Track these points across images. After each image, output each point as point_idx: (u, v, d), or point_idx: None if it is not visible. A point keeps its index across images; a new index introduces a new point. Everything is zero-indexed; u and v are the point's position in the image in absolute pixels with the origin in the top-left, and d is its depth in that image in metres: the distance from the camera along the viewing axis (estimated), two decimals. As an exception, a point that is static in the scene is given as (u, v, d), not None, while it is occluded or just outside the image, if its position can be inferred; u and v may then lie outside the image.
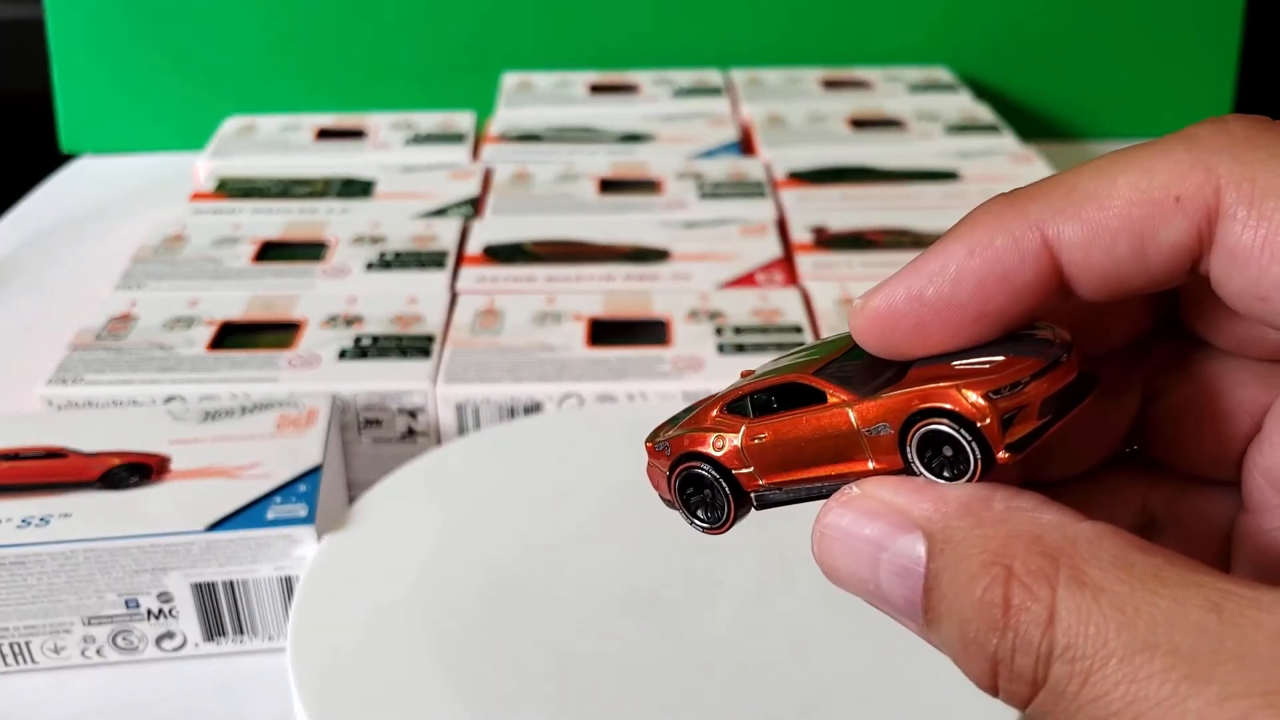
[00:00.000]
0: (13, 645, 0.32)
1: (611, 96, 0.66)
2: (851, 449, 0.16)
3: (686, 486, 0.18)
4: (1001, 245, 0.15)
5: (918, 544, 0.14)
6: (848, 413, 0.16)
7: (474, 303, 0.44)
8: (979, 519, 0.14)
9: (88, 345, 0.41)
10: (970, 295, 0.15)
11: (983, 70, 0.71)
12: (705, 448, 0.17)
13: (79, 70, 0.69)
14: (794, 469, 0.17)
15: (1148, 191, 0.14)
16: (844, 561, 0.15)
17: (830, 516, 0.15)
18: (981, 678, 0.14)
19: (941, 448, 0.15)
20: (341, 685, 0.28)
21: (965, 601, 0.13)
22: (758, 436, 0.17)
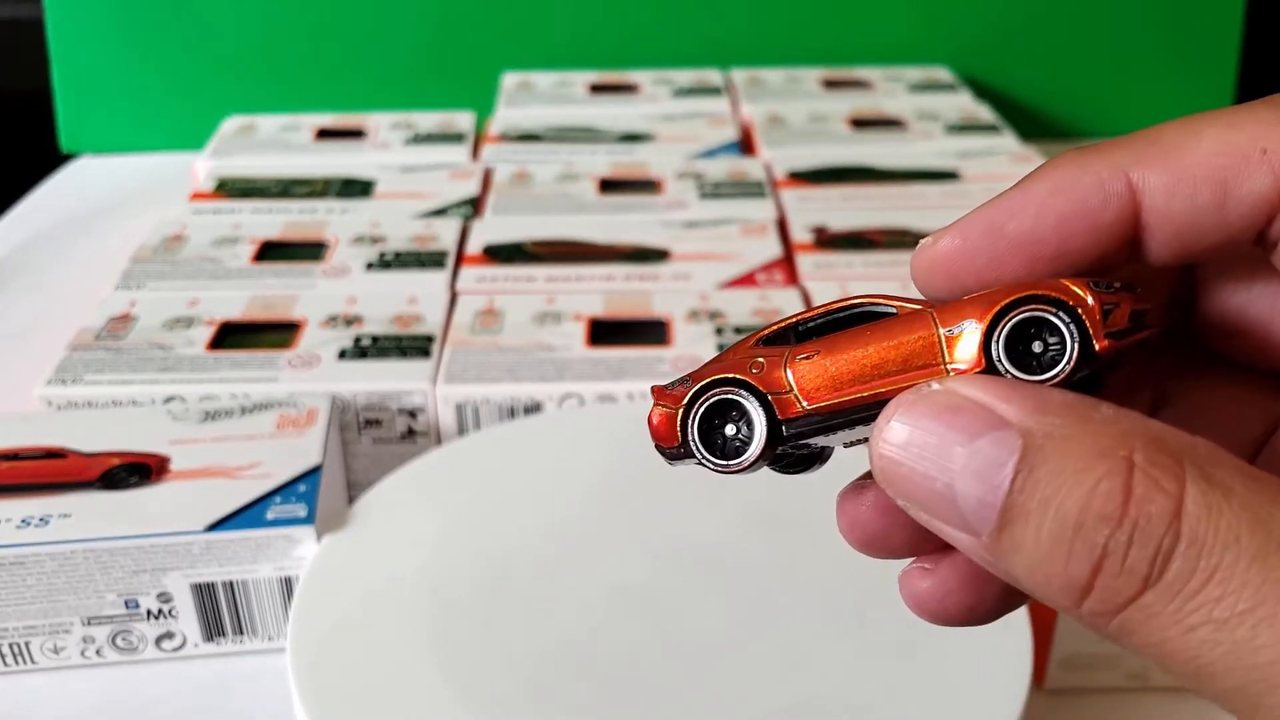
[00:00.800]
0: (12, 645, 0.32)
1: (611, 96, 0.66)
2: (923, 354, 0.15)
3: (711, 419, 0.16)
4: (1086, 185, 0.15)
5: (1009, 439, 0.13)
6: (926, 314, 0.15)
7: (474, 303, 0.44)
8: (1085, 418, 0.13)
9: (87, 345, 0.41)
10: (1051, 231, 0.15)
11: (983, 70, 0.71)
12: (739, 372, 0.16)
13: (79, 70, 0.69)
14: (850, 386, 0.15)
15: (1233, 144, 0.15)
16: (911, 460, 0.14)
17: (900, 412, 0.14)
18: (1071, 581, 0.13)
19: (1031, 344, 0.14)
20: (341, 685, 0.28)
21: (1072, 495, 0.12)
22: (808, 355, 0.15)
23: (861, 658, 0.28)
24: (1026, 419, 0.13)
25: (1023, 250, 0.15)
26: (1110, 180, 0.15)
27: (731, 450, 0.16)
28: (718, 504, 0.33)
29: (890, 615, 0.29)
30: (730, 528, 0.32)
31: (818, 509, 0.33)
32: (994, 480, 0.13)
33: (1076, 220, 0.15)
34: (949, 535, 0.14)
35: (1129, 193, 0.15)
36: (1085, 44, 0.70)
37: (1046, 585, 0.13)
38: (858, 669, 0.28)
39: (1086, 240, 0.15)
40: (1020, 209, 0.15)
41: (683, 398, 0.16)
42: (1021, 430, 0.13)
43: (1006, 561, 0.13)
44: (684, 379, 0.16)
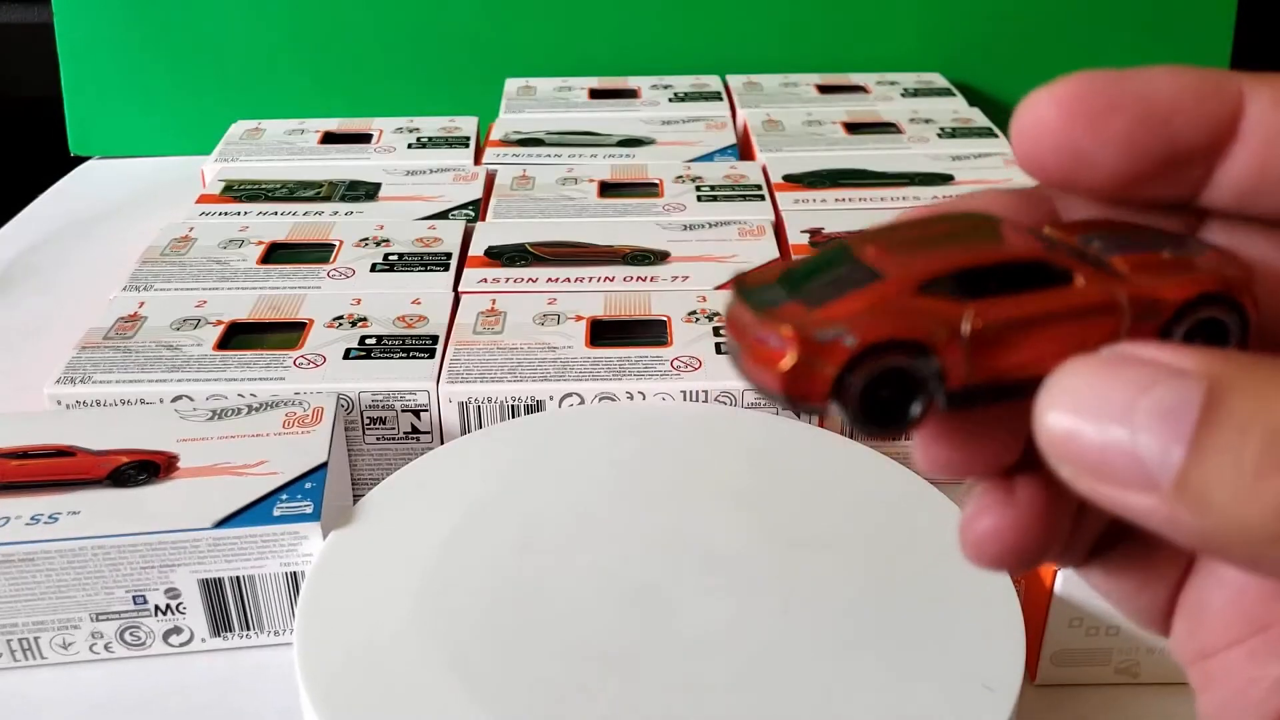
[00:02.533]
0: (22, 641, 0.32)
1: (611, 101, 0.67)
2: (1102, 335, 0.14)
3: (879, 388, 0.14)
4: (1203, 74, 0.15)
5: (1195, 382, 0.12)
6: (1116, 293, 0.14)
7: (476, 303, 0.44)
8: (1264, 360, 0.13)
9: (96, 345, 0.41)
10: (1167, 97, 0.15)
11: (976, 77, 0.72)
12: (922, 335, 0.14)
13: (88, 74, 0.69)
14: (1023, 360, 0.14)
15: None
16: (1085, 416, 0.13)
17: (1070, 370, 0.13)
18: (1273, 506, 0.12)
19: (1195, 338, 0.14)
20: (348, 678, 0.28)
21: (1272, 409, 0.12)
22: (986, 321, 0.14)
23: (854, 651, 0.28)
24: (1208, 365, 0.13)
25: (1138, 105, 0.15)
26: (1226, 80, 0.15)
27: (884, 416, 0.14)
28: (722, 499, 0.34)
29: (885, 610, 0.30)
30: (734, 523, 0.33)
31: (821, 506, 0.33)
32: (1180, 419, 0.12)
33: (1191, 96, 0.15)
34: (1127, 503, 0.13)
35: (1239, 94, 0.15)
36: (1077, 50, 0.71)
37: (1249, 514, 0.12)
38: (851, 663, 0.28)
39: (1194, 117, 0.15)
40: (1139, 74, 0.15)
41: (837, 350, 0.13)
42: (1204, 374, 0.13)
43: (1196, 505, 0.12)
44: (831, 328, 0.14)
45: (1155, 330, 0.14)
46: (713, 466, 0.35)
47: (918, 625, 0.29)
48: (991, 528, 0.16)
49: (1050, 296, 0.14)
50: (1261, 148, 0.15)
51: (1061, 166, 0.15)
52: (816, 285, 0.14)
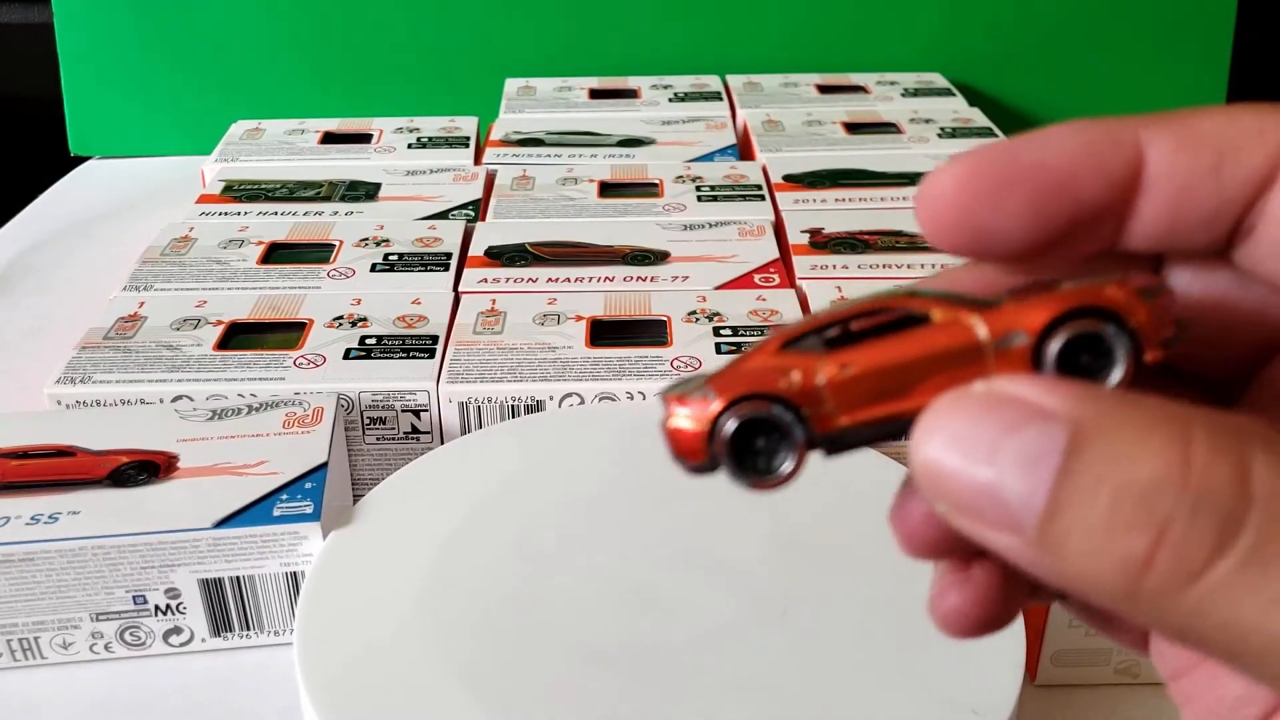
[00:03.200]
0: (22, 641, 0.32)
1: (611, 101, 0.67)
2: (969, 368, 0.14)
3: (745, 435, 0.15)
4: (1100, 131, 0.15)
5: (1056, 429, 0.12)
6: (973, 323, 0.14)
7: (477, 303, 0.44)
8: (1135, 403, 0.12)
9: (96, 345, 0.41)
10: (1063, 165, 0.15)
11: (976, 78, 0.72)
12: (773, 387, 0.15)
13: (88, 74, 0.69)
14: (888, 400, 0.14)
15: (1235, 122, 0.15)
16: (953, 459, 0.13)
17: (941, 412, 0.13)
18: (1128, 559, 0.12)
19: (1080, 356, 0.14)
20: (349, 678, 0.28)
21: (1127, 468, 0.12)
22: (843, 366, 0.14)
23: (854, 653, 0.28)
24: (1073, 406, 0.13)
25: (1033, 178, 0.15)
26: (1122, 133, 0.15)
27: (764, 465, 0.15)
28: (722, 501, 0.34)
29: (885, 611, 0.30)
30: (734, 525, 0.33)
31: (820, 507, 0.33)
32: (1040, 469, 0.12)
33: (1087, 157, 0.15)
34: (992, 540, 0.13)
35: (1138, 146, 0.15)
36: (1077, 50, 0.71)
37: (1100, 568, 0.12)
38: (851, 664, 0.28)
39: (1092, 179, 0.15)
40: (1034, 142, 0.16)
41: (706, 409, 0.15)
42: (1069, 418, 0.13)
43: (1055, 552, 0.13)
44: (700, 386, 0.15)
45: (1026, 357, 0.14)
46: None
47: (918, 627, 0.29)
48: (954, 607, 0.16)
49: (907, 338, 0.14)
50: (1169, 196, 0.15)
51: (966, 242, 0.16)
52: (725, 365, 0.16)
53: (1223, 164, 0.15)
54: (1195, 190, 0.15)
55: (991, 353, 0.14)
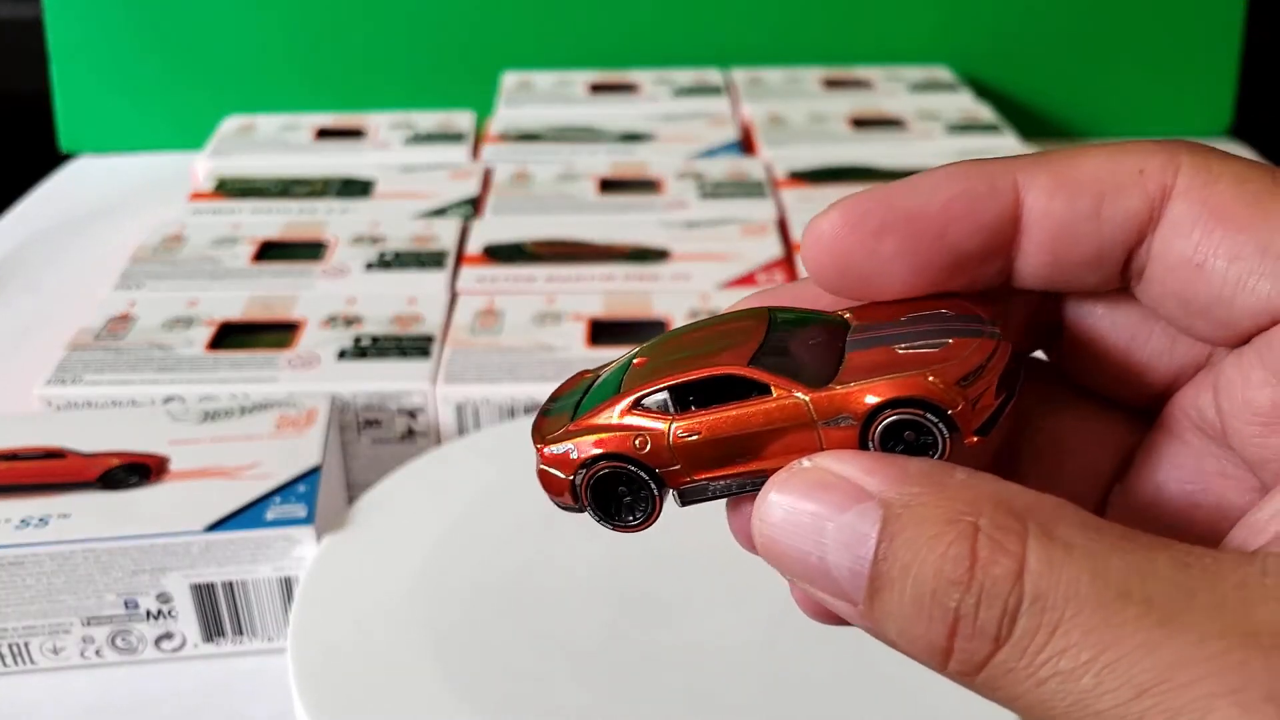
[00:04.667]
0: (11, 646, 0.32)
1: (611, 96, 0.66)
2: (803, 440, 0.16)
3: (603, 487, 0.17)
4: (977, 176, 0.16)
5: (871, 512, 0.14)
6: (804, 404, 0.15)
7: (474, 303, 0.44)
8: (940, 485, 0.14)
9: (86, 345, 0.41)
10: (938, 211, 0.16)
11: (984, 70, 0.71)
12: (626, 449, 0.16)
13: (78, 70, 0.69)
14: (732, 464, 0.16)
15: (1116, 161, 0.16)
16: (786, 536, 0.15)
17: (775, 491, 0.15)
18: (933, 644, 0.13)
19: (903, 434, 0.15)
20: (342, 686, 0.28)
21: (925, 561, 0.13)
22: (690, 434, 0.16)
23: (858, 656, 0.28)
24: (888, 489, 0.14)
25: (909, 225, 0.16)
26: (999, 177, 0.16)
27: (625, 512, 0.17)
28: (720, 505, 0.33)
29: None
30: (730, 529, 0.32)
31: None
32: (860, 551, 0.14)
33: (962, 204, 0.16)
34: (831, 604, 0.15)
35: (1014, 190, 0.16)
36: (1086, 44, 0.70)
37: (913, 648, 0.14)
38: (855, 668, 0.28)
39: (969, 225, 0.16)
40: (911, 188, 0.16)
41: (570, 467, 0.17)
42: (882, 501, 0.14)
43: (881, 627, 0.14)
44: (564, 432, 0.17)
45: (855, 433, 0.15)
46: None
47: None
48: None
49: (747, 408, 0.16)
50: (1048, 239, 0.16)
51: (848, 285, 0.17)
52: (589, 397, 0.17)
53: (1101, 207, 0.15)
54: (1074, 233, 0.16)
55: (822, 431, 0.15)
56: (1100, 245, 0.16)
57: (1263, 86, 0.75)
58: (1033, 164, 0.16)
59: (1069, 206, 0.16)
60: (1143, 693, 0.12)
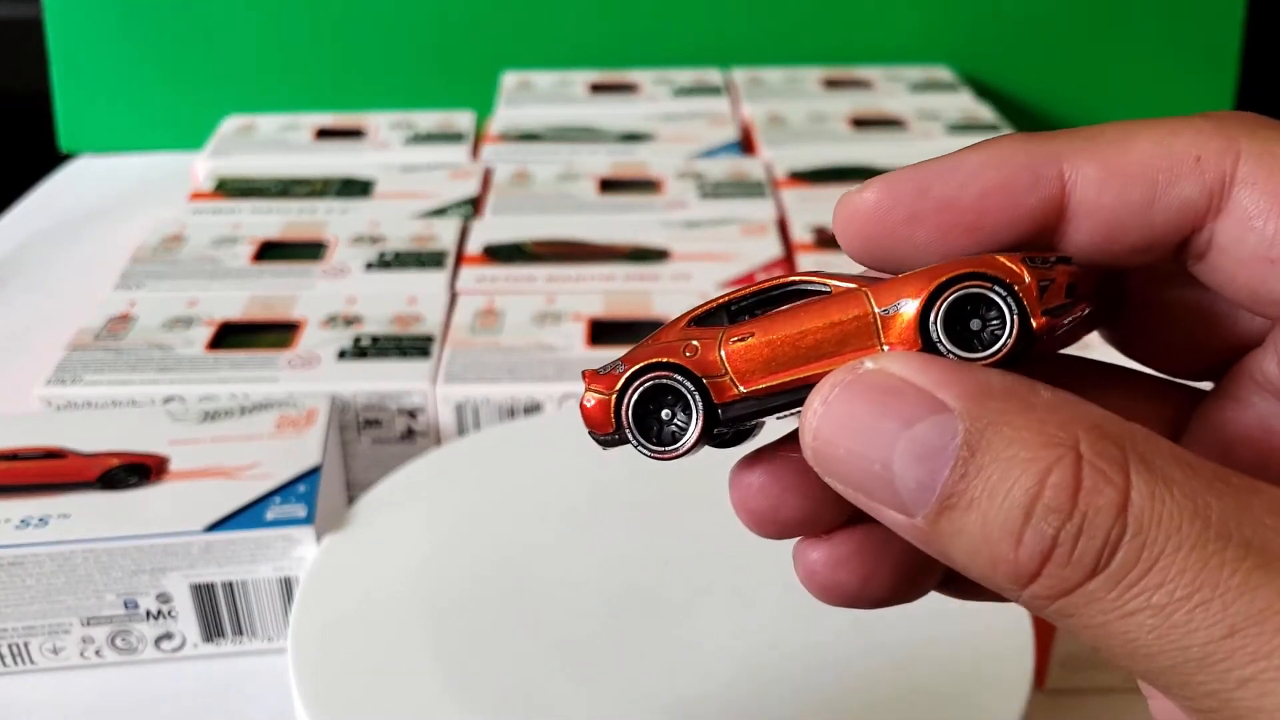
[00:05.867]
0: (11, 646, 0.32)
1: (611, 96, 0.66)
2: (860, 335, 0.15)
3: (645, 404, 0.16)
4: (1019, 164, 0.15)
5: (949, 424, 0.13)
6: (861, 293, 0.15)
7: (474, 303, 0.44)
8: (1027, 403, 0.13)
9: (86, 345, 0.41)
10: (973, 202, 0.15)
11: (984, 70, 0.71)
12: (676, 357, 0.16)
13: (77, 69, 0.69)
14: (785, 369, 0.15)
15: (1170, 147, 0.15)
16: (847, 440, 0.14)
17: (836, 392, 0.14)
18: (1018, 568, 0.13)
19: (969, 322, 0.14)
20: (342, 686, 0.28)
21: (1019, 484, 0.13)
22: (742, 337, 0.15)
23: (863, 658, 0.28)
24: (968, 404, 0.13)
25: (942, 214, 0.15)
26: (1044, 165, 0.15)
27: (667, 436, 0.16)
28: (717, 504, 0.33)
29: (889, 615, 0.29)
30: (729, 528, 0.32)
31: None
32: (935, 465, 0.13)
33: (1000, 196, 0.15)
34: (883, 515, 0.14)
35: (1059, 181, 0.15)
36: (1086, 44, 0.70)
37: (990, 569, 0.13)
38: (858, 669, 0.28)
39: (1006, 217, 0.15)
40: (949, 174, 0.15)
41: (616, 383, 0.16)
42: (963, 415, 0.13)
43: (944, 543, 0.13)
44: (617, 363, 0.16)
45: (914, 323, 0.14)
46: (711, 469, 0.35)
47: (924, 631, 0.29)
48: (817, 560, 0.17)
49: (802, 310, 0.15)
50: (1096, 228, 0.15)
51: (878, 261, 0.16)
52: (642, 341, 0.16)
53: (1154, 198, 0.15)
54: (1125, 224, 0.15)
55: (879, 320, 0.15)
56: (1153, 235, 0.15)
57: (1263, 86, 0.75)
58: (1080, 150, 0.15)
59: (1120, 200, 0.15)
60: (1234, 632, 0.12)
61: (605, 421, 0.16)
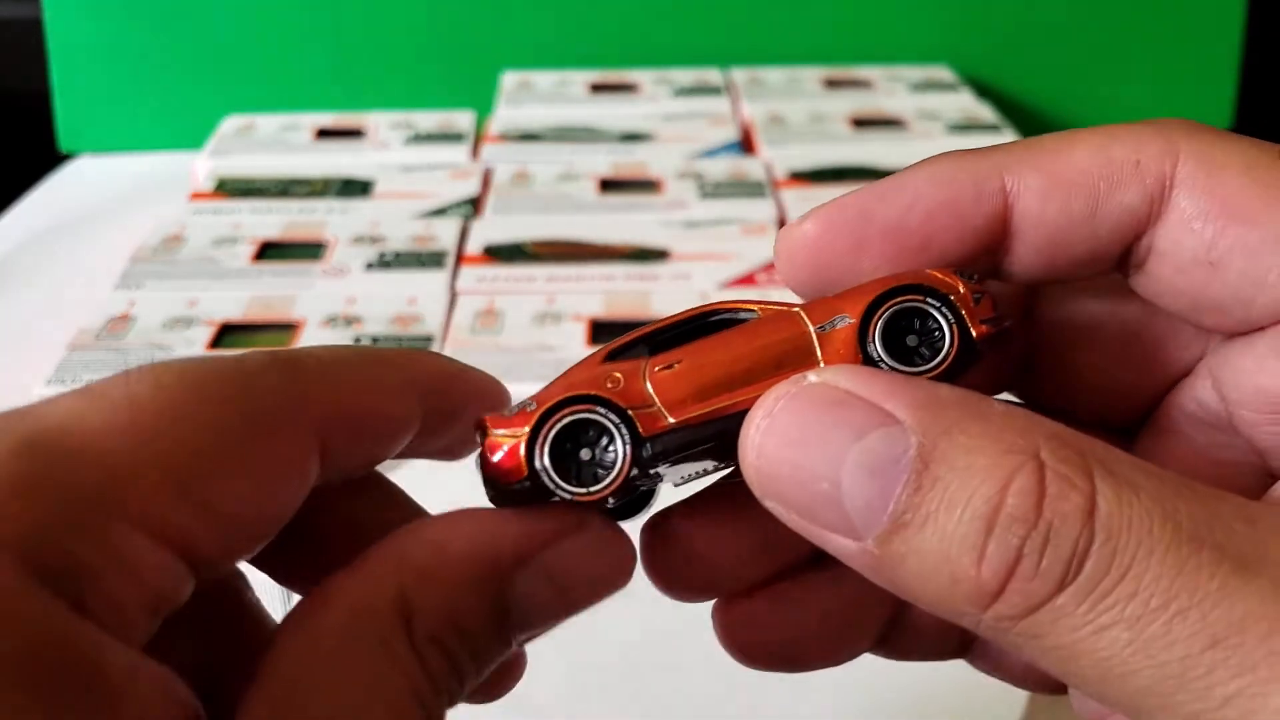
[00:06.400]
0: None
1: (611, 96, 0.66)
2: (796, 354, 0.14)
3: (561, 443, 0.14)
4: (962, 181, 0.15)
5: (900, 437, 0.12)
6: (795, 313, 0.14)
7: (474, 303, 0.44)
8: (981, 413, 0.12)
9: (87, 345, 0.41)
10: (920, 223, 0.15)
11: (985, 70, 0.71)
12: (598, 389, 0.14)
13: (77, 69, 0.69)
14: (718, 394, 0.14)
15: (1109, 153, 0.15)
16: (793, 455, 0.13)
17: (780, 404, 0.13)
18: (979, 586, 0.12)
19: (905, 338, 0.14)
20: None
21: (979, 495, 0.12)
22: (669, 364, 0.14)
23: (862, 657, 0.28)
24: (919, 414, 0.12)
25: (888, 240, 0.15)
26: (986, 179, 0.15)
27: (588, 477, 0.14)
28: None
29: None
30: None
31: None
32: (887, 480, 0.12)
33: (947, 214, 0.15)
34: (828, 541, 0.13)
35: (1002, 195, 0.15)
36: (1086, 44, 0.70)
37: (948, 590, 0.12)
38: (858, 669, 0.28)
39: (954, 236, 0.15)
40: (892, 197, 0.15)
41: (528, 422, 0.14)
42: (914, 427, 0.12)
43: (896, 568, 0.12)
44: (526, 402, 0.15)
45: (852, 338, 0.14)
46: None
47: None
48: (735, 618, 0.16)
49: (731, 334, 0.14)
50: (1041, 242, 0.15)
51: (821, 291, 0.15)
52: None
53: (1096, 206, 0.15)
54: (1069, 234, 0.15)
55: (817, 337, 0.14)
56: (1096, 245, 0.15)
57: (1263, 86, 0.75)
58: (1020, 161, 0.15)
59: (1063, 210, 0.15)
60: (1216, 644, 0.11)
61: (515, 469, 0.14)
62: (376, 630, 0.13)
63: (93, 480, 0.12)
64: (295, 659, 0.13)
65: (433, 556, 0.14)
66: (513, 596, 0.14)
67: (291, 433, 0.13)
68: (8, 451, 0.11)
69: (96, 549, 0.11)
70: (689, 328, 0.15)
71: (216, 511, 0.12)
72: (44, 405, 0.12)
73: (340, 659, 0.13)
